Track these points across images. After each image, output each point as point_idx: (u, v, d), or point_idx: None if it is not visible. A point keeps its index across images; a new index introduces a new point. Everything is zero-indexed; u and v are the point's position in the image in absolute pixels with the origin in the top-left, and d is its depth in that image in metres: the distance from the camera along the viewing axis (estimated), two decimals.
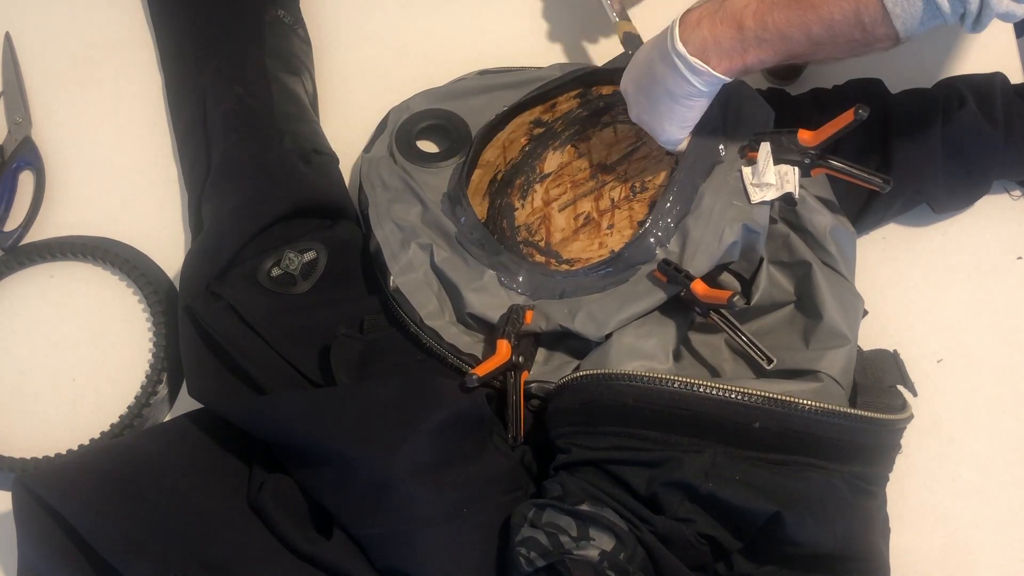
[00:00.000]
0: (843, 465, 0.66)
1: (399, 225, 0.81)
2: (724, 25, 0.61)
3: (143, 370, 0.86)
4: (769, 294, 0.76)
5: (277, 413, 0.70)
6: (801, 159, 0.74)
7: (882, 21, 0.54)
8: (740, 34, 0.61)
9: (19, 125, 0.96)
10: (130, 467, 0.69)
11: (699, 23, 0.64)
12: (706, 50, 0.63)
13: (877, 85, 0.85)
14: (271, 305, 0.79)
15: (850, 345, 0.72)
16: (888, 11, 0.53)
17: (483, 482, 0.69)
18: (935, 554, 0.77)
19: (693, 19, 0.65)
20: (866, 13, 0.54)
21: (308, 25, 0.99)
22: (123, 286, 0.91)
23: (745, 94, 0.81)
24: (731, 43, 0.61)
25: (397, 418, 0.68)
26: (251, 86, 0.88)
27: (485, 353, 0.76)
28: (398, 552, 0.66)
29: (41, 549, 0.65)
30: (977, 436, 0.81)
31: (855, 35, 0.56)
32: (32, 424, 0.85)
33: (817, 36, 0.58)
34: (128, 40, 1.01)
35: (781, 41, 0.59)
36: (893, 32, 0.55)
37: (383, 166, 0.86)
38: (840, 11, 0.55)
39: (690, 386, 0.66)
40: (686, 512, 0.65)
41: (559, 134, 0.89)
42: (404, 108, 0.90)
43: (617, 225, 0.81)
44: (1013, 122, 0.82)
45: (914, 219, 0.88)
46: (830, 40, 0.57)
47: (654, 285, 0.74)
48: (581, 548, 0.62)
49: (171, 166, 0.96)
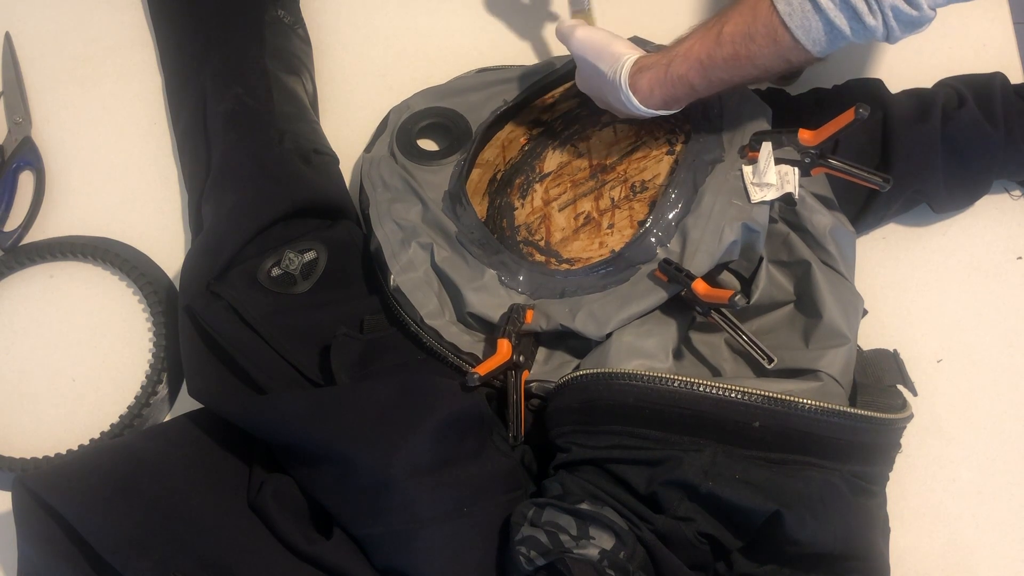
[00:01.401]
0: (843, 464, 0.66)
1: (399, 224, 0.81)
2: (675, 88, 0.71)
3: (143, 370, 0.86)
4: (769, 293, 0.76)
5: (277, 413, 0.70)
6: (801, 159, 0.74)
7: (804, 54, 0.66)
8: (692, 91, 0.71)
9: (19, 125, 0.96)
10: (130, 467, 0.69)
11: (652, 92, 0.72)
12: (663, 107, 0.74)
13: (877, 85, 0.85)
14: (271, 305, 0.79)
15: (850, 344, 0.72)
16: (807, 49, 0.65)
17: (483, 482, 0.69)
18: (935, 554, 0.77)
19: (645, 87, 0.72)
20: (791, 54, 0.66)
21: (308, 25, 0.99)
22: (123, 286, 0.91)
23: (744, 94, 0.81)
24: (685, 97, 0.72)
25: (397, 418, 0.68)
26: (251, 86, 0.88)
27: (485, 352, 0.76)
28: (398, 552, 0.66)
29: (41, 549, 0.65)
30: (977, 436, 0.81)
31: (783, 67, 0.68)
32: (32, 424, 0.86)
33: (753, 77, 0.69)
34: (128, 40, 1.01)
35: (723, 85, 0.70)
36: (813, 57, 0.66)
37: (384, 166, 0.86)
38: (770, 58, 0.67)
39: (690, 385, 0.66)
40: (686, 511, 0.65)
41: (558, 133, 0.89)
42: (404, 107, 0.90)
43: (617, 225, 0.81)
44: (1013, 122, 0.82)
45: (914, 219, 0.88)
46: (764, 75, 0.70)
47: (655, 284, 0.74)
48: (581, 547, 0.62)
49: (171, 166, 0.96)
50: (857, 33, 0.64)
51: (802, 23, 0.64)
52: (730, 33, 0.67)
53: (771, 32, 0.65)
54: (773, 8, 0.64)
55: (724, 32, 0.67)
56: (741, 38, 0.66)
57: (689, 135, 0.81)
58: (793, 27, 0.64)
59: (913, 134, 0.81)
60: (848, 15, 0.63)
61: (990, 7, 0.96)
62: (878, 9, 0.63)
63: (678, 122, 0.84)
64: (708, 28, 0.69)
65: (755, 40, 0.66)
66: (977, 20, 0.96)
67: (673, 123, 0.84)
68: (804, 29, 0.64)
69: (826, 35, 0.64)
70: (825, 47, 0.65)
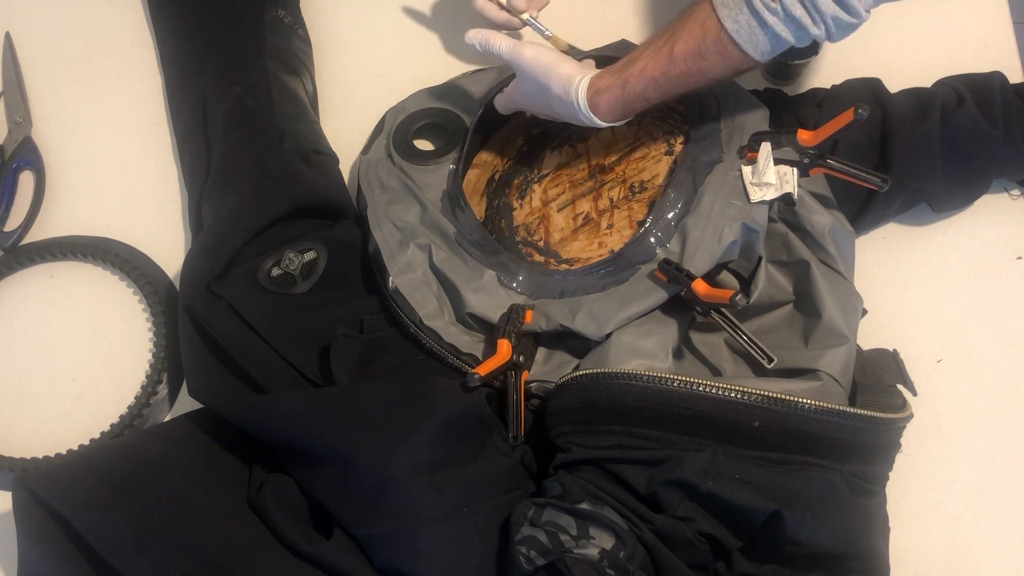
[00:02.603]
0: (843, 464, 0.66)
1: (397, 226, 0.81)
2: (633, 104, 0.74)
3: (143, 370, 0.86)
4: (768, 293, 0.76)
5: (277, 413, 0.70)
6: (800, 159, 0.74)
7: (751, 63, 0.70)
8: (647, 103, 0.74)
9: (19, 125, 0.96)
10: (130, 467, 0.69)
11: (611, 109, 0.75)
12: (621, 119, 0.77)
13: (876, 85, 0.85)
14: (271, 305, 0.79)
15: (849, 344, 0.72)
16: (755, 59, 0.69)
17: (483, 482, 0.69)
18: (935, 554, 0.77)
19: (604, 107, 0.75)
20: (740, 65, 0.70)
21: (308, 25, 0.99)
22: (123, 286, 0.91)
23: (743, 95, 0.81)
24: (641, 108, 0.76)
25: (397, 418, 0.68)
26: (251, 86, 0.88)
27: (485, 353, 0.76)
28: (398, 552, 0.66)
29: (41, 549, 0.65)
30: (977, 436, 0.80)
31: (732, 76, 0.72)
32: (32, 424, 0.86)
33: (704, 86, 0.73)
34: (128, 40, 1.01)
35: (677, 95, 0.74)
36: (755, 62, 0.69)
37: (381, 167, 0.86)
38: (720, 71, 0.70)
39: (690, 385, 0.66)
40: (686, 511, 0.65)
41: (557, 134, 0.89)
42: (400, 109, 0.91)
43: (616, 225, 0.82)
44: (1012, 121, 0.82)
45: (914, 219, 0.88)
46: (714, 84, 0.73)
47: (654, 284, 0.74)
48: (581, 547, 0.62)
49: (171, 166, 0.96)
50: (801, 40, 0.68)
51: (750, 38, 0.67)
52: (681, 51, 0.70)
53: (720, 49, 0.69)
54: (721, 27, 0.68)
55: (675, 51, 0.70)
56: (692, 56, 0.70)
57: (688, 136, 0.81)
58: (742, 43, 0.68)
59: (912, 134, 0.81)
60: (793, 28, 0.66)
61: (990, 7, 0.96)
62: (820, 21, 0.66)
63: (677, 123, 0.84)
64: (659, 48, 0.72)
65: (706, 57, 0.69)
66: (977, 20, 0.96)
67: (672, 124, 0.84)
68: (752, 43, 0.68)
69: (772, 46, 0.68)
70: (770, 54, 0.69)
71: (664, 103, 0.76)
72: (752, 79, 0.93)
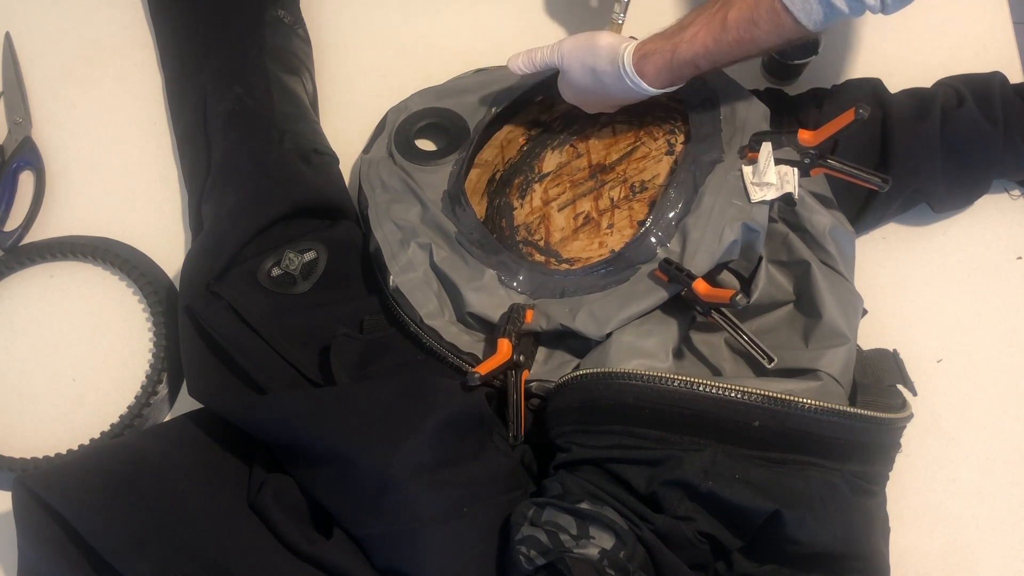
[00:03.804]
0: (843, 464, 0.66)
1: (398, 225, 0.81)
2: (682, 70, 0.74)
3: (143, 370, 0.86)
4: (768, 293, 0.76)
5: (277, 413, 0.70)
6: (801, 159, 0.74)
7: (803, 32, 0.69)
8: (696, 70, 0.74)
9: (19, 125, 0.96)
10: (130, 467, 0.69)
11: (659, 75, 0.74)
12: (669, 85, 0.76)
13: (876, 85, 0.85)
14: (271, 305, 0.79)
15: (849, 344, 0.72)
16: (808, 28, 0.69)
17: (483, 481, 0.69)
18: (935, 554, 0.77)
19: (651, 72, 0.74)
20: (791, 34, 0.70)
21: (308, 25, 0.99)
22: (123, 286, 0.91)
23: (744, 95, 0.81)
24: (689, 75, 0.75)
25: (397, 418, 0.68)
26: (251, 86, 0.88)
27: (485, 352, 0.76)
28: (398, 552, 0.66)
29: (41, 549, 0.65)
30: (977, 436, 0.81)
31: (782, 45, 0.72)
32: (32, 424, 0.86)
33: (753, 55, 0.73)
34: (128, 40, 1.01)
35: (725, 64, 0.74)
36: (807, 31, 0.69)
37: (382, 167, 0.86)
38: (772, 39, 0.70)
39: (690, 385, 0.66)
40: (686, 511, 0.65)
41: (557, 133, 0.89)
42: (402, 108, 0.91)
43: (617, 225, 0.82)
44: (1012, 121, 0.82)
45: (914, 219, 0.88)
46: (763, 53, 0.75)
47: (655, 284, 0.74)
48: (581, 546, 0.62)
49: (171, 166, 0.96)
50: (855, 11, 0.67)
51: (803, 7, 0.67)
52: (735, 19, 0.70)
53: (774, 17, 0.68)
54: None
55: (729, 18, 0.70)
56: (745, 23, 0.70)
57: (689, 135, 0.81)
58: (795, 11, 0.67)
59: (912, 134, 0.81)
60: None
61: (990, 7, 0.96)
62: None
63: (677, 123, 0.84)
64: (712, 14, 0.71)
65: (759, 25, 0.69)
66: (977, 20, 0.96)
67: (672, 123, 0.84)
68: (805, 12, 0.67)
69: (824, 15, 0.67)
70: (822, 24, 0.68)
71: (666, 101, 0.75)
72: (752, 79, 0.93)
